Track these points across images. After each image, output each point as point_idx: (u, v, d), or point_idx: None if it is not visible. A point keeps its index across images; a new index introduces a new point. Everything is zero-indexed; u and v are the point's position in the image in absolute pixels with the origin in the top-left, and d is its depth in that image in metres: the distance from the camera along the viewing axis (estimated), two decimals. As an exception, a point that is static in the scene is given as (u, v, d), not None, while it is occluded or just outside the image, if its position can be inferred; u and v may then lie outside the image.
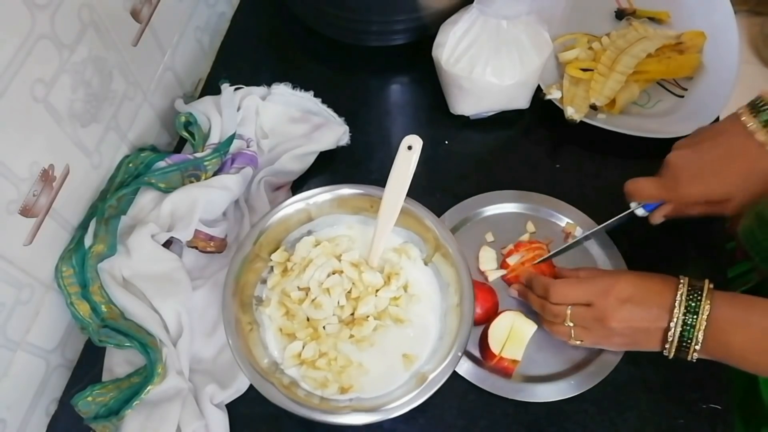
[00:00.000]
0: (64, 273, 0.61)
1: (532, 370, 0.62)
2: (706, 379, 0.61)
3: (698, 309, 0.52)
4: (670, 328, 0.53)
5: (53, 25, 0.55)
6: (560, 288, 0.58)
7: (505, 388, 0.61)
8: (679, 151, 0.62)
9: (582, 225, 0.70)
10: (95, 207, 0.65)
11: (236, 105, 0.74)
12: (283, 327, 0.60)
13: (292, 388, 0.57)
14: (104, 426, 0.58)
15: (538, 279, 0.62)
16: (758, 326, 0.51)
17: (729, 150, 0.58)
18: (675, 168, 0.60)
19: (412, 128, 0.73)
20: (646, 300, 0.55)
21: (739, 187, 0.58)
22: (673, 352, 0.54)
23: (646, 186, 0.62)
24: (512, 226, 0.71)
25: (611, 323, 0.55)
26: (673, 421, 0.60)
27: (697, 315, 0.52)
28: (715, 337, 0.52)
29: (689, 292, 0.53)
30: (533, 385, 0.61)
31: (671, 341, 0.54)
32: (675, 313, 0.53)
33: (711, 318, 0.52)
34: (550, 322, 0.60)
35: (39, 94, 0.55)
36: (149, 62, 0.73)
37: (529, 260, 0.67)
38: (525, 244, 0.69)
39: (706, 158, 0.59)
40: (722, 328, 0.52)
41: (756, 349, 0.51)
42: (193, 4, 0.81)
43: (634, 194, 0.64)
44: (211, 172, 0.69)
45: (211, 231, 0.66)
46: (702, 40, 0.81)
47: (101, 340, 0.61)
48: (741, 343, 0.51)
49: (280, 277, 0.63)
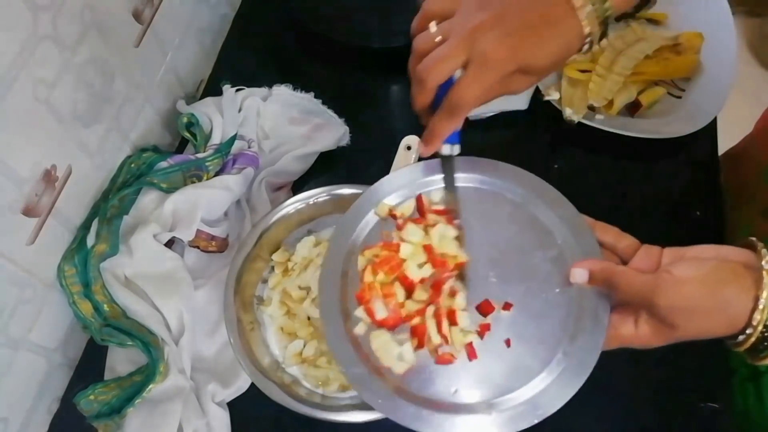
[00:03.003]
0: (66, 272, 0.62)
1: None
2: (706, 379, 0.62)
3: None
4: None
5: (55, 26, 0.55)
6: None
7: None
8: (476, 13, 0.48)
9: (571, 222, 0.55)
10: (97, 207, 0.65)
11: (237, 106, 0.74)
12: (284, 326, 0.61)
13: (293, 387, 0.57)
14: (106, 424, 0.59)
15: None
16: None
17: (543, 14, 0.47)
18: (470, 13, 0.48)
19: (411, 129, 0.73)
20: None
21: (551, 57, 0.48)
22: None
23: (442, 58, 0.48)
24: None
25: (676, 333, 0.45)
26: (673, 421, 0.60)
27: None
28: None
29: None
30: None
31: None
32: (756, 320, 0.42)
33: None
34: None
35: (41, 95, 0.55)
36: (151, 63, 0.73)
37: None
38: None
39: (526, 19, 0.47)
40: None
41: None
42: (195, 6, 0.82)
43: (427, 75, 0.48)
44: (212, 172, 0.69)
45: (213, 231, 0.66)
46: (699, 42, 0.81)
47: (103, 339, 0.62)
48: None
49: (281, 277, 0.64)
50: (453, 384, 0.48)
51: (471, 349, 0.49)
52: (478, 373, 0.48)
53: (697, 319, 0.44)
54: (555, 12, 0.47)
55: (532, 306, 0.50)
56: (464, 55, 0.47)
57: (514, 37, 0.47)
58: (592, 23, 0.47)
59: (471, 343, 0.49)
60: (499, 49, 0.46)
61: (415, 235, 0.52)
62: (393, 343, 0.48)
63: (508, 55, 0.47)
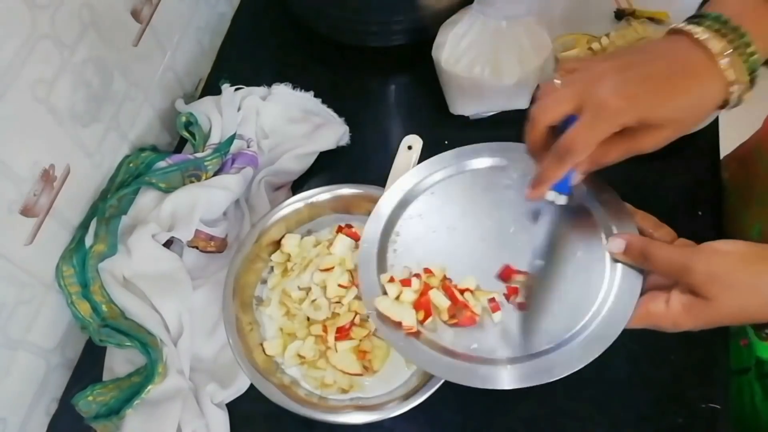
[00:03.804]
0: (64, 273, 0.61)
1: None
2: (706, 379, 0.61)
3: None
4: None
5: (54, 26, 0.55)
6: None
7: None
8: (600, 64, 0.47)
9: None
10: (96, 207, 0.65)
11: (237, 105, 0.74)
12: (284, 327, 0.60)
13: (292, 388, 0.57)
14: (105, 425, 0.58)
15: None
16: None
17: (672, 63, 0.45)
18: (593, 75, 0.46)
19: (412, 128, 0.73)
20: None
21: (683, 110, 0.45)
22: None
23: (555, 100, 0.47)
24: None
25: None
26: (673, 420, 0.60)
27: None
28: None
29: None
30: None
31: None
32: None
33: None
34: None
35: (40, 95, 0.55)
36: (150, 62, 0.73)
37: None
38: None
39: (650, 70, 0.45)
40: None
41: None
42: (194, 5, 0.82)
43: (538, 114, 0.48)
44: (211, 172, 0.69)
45: (212, 231, 0.66)
46: (701, 41, 0.81)
47: (102, 339, 0.62)
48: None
49: (280, 277, 0.63)
50: (473, 341, 0.51)
51: (494, 303, 0.52)
52: (498, 331, 0.51)
53: (734, 294, 0.42)
54: (688, 62, 0.44)
55: (565, 278, 0.52)
56: (579, 100, 0.46)
57: (634, 87, 0.44)
58: (737, 70, 0.43)
59: (494, 298, 0.53)
60: (616, 98, 0.44)
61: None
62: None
63: (624, 105, 0.44)
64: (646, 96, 0.44)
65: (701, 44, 0.44)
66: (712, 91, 0.44)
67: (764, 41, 0.44)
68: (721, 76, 0.43)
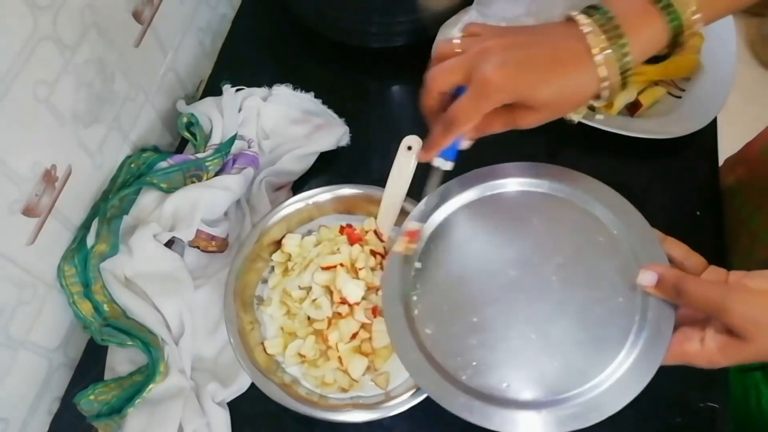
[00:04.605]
0: (66, 272, 0.62)
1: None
2: (706, 379, 0.62)
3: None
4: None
5: (55, 26, 0.55)
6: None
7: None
8: (493, 38, 0.48)
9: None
10: (97, 207, 0.65)
11: (237, 106, 0.74)
12: (284, 326, 0.61)
13: (293, 386, 0.57)
14: (106, 424, 0.59)
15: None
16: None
17: (556, 49, 0.46)
18: (483, 46, 0.47)
19: (412, 129, 0.74)
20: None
21: (557, 96, 0.46)
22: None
23: (447, 69, 0.49)
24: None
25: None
26: (672, 420, 0.60)
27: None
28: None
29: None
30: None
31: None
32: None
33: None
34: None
35: (41, 95, 0.55)
36: (151, 63, 0.73)
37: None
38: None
39: (532, 52, 0.46)
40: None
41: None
42: (195, 6, 0.82)
43: (430, 82, 0.50)
44: (212, 172, 0.69)
45: (213, 231, 0.66)
46: (700, 41, 0.81)
47: (103, 338, 0.62)
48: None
49: (281, 277, 0.64)
50: (505, 379, 0.48)
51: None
52: (531, 371, 0.48)
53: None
54: (569, 51, 0.46)
55: (594, 311, 0.49)
56: (466, 71, 0.47)
57: (513, 67, 0.46)
58: (610, 68, 0.45)
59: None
60: (496, 76, 0.45)
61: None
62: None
63: (503, 84, 0.45)
64: (523, 77, 0.46)
65: (583, 36, 0.45)
66: (587, 82, 0.46)
67: (640, 45, 0.45)
68: (594, 70, 0.45)
